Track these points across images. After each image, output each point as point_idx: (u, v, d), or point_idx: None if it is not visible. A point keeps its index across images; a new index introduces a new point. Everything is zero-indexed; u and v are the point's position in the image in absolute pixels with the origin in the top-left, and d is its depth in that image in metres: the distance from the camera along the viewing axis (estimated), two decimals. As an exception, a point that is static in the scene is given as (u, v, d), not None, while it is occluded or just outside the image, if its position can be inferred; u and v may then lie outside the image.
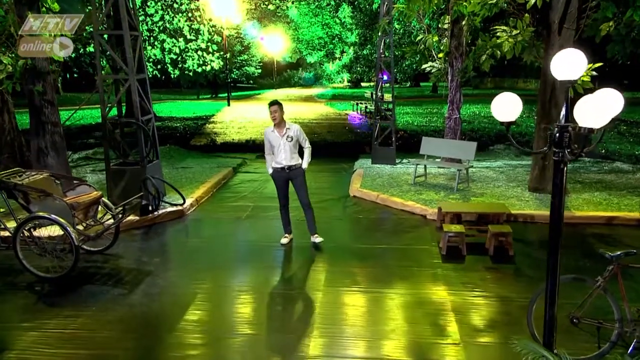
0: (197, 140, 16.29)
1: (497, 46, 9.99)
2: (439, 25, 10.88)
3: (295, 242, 6.81)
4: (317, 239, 6.66)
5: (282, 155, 6.35)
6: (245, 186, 10.22)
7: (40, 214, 5.44)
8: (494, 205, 7.50)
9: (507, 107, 3.11)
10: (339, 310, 4.92)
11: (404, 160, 12.33)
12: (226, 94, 26.59)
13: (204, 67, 20.82)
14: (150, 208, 7.83)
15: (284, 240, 6.73)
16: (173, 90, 39.78)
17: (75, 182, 6.38)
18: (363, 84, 47.20)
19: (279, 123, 6.27)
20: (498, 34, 8.58)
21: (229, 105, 25.57)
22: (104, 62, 12.89)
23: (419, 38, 10.79)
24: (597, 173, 10.55)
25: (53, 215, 5.41)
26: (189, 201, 8.55)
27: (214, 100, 32.50)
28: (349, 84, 48.52)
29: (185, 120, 19.12)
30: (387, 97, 19.86)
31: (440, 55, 10.77)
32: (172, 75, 22.07)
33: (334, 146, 14.75)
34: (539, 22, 8.43)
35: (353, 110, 21.46)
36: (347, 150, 14.25)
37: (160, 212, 7.97)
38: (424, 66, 11.26)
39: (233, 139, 16.11)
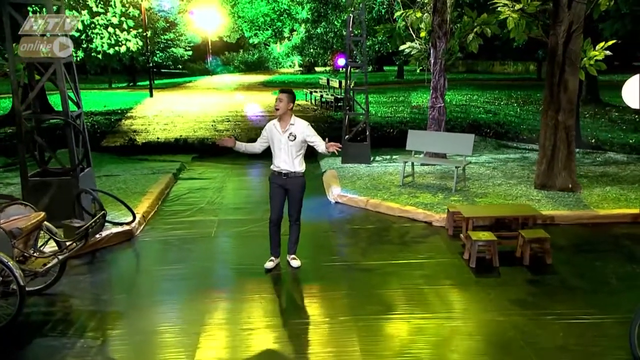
0: (110, 141, 15.32)
1: (486, 23, 10.27)
2: (419, 0, 10.95)
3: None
4: (294, 261, 6.41)
5: (281, 156, 5.98)
6: (197, 196, 9.66)
7: (-32, 246, 4.69)
8: (519, 207, 7.63)
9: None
10: (384, 344, 4.68)
11: (378, 158, 12.33)
12: (147, 82, 25.15)
13: (116, 48, 19.48)
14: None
15: (269, 265, 6.36)
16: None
17: (2, 201, 5.60)
18: (317, 69, 46.70)
19: (283, 115, 5.90)
20: (499, 8, 8.76)
21: (151, 96, 24.20)
22: None
23: (397, 14, 10.79)
24: (595, 165, 11.14)
25: (-13, 248, 4.69)
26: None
27: (132, 89, 30.78)
28: (301, 68, 47.82)
29: (94, 115, 17.81)
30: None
31: (422, 34, 10.84)
32: (74, 58, 20.42)
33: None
34: (545, -6, 8.71)
35: (306, 100, 21.21)
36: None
37: (104, 234, 7.28)
38: (401, 47, 11.29)
39: (158, 138, 15.33)
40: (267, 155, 6.34)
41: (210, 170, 11.94)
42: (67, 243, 5.67)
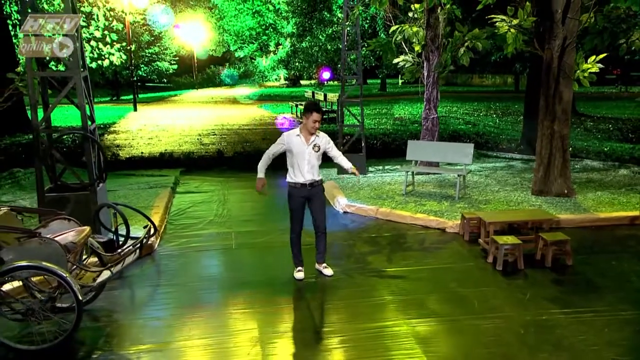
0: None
1: (476, 37, 10.62)
2: (410, 15, 11.24)
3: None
4: (327, 270, 6.50)
5: (305, 167, 6.09)
6: (203, 209, 9.56)
7: (24, 263, 4.52)
8: (534, 212, 7.93)
9: None
10: (445, 346, 4.79)
11: (371, 169, 12.53)
12: (131, 96, 24.56)
13: (99, 62, 18.96)
14: (117, 244, 6.97)
15: (300, 275, 6.41)
16: (57, 91, 35.36)
17: (44, 216, 5.44)
18: (303, 82, 46.79)
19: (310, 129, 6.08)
20: (497, 23, 9.09)
21: (135, 110, 23.64)
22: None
23: (393, 28, 11.05)
24: (576, 172, 11.65)
25: (44, 264, 4.54)
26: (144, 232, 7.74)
27: (115, 104, 29.95)
28: (286, 82, 47.80)
29: (75, 130, 17.23)
30: (330, 97, 19.99)
31: (417, 47, 11.12)
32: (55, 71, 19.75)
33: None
34: (540, 11, 9.09)
35: (292, 113, 21.25)
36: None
37: (126, 248, 7.11)
38: (395, 60, 11.54)
39: (142, 153, 15.02)
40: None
41: (206, 184, 11.84)
42: (109, 256, 5.56)
